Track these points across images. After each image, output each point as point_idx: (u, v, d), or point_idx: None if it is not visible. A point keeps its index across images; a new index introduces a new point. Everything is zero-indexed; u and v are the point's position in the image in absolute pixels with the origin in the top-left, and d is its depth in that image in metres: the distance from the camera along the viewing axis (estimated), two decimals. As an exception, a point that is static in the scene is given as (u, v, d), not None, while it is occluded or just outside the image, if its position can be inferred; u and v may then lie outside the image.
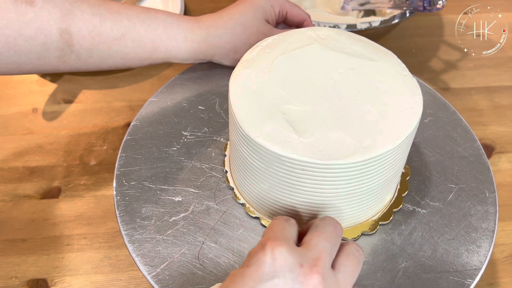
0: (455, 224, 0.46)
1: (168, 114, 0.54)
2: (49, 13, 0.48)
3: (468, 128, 0.53)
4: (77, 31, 0.50)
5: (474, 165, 0.50)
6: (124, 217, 0.46)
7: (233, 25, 0.54)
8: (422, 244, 0.45)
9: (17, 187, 0.62)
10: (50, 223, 0.58)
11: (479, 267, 0.44)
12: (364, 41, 0.47)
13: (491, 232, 0.46)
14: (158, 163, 0.50)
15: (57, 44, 0.49)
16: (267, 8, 0.56)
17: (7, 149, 0.65)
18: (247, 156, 0.41)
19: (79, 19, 0.49)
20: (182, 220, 0.46)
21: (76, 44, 0.50)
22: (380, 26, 0.67)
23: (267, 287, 0.32)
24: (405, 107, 0.41)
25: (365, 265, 0.43)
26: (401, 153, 0.41)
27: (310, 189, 0.40)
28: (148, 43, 0.53)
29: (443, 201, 0.48)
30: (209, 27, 0.55)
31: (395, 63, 0.45)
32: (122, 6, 0.53)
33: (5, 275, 0.54)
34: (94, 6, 0.51)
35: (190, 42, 0.54)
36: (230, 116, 0.43)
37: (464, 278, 0.43)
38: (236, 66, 0.45)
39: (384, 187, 0.43)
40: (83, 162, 0.64)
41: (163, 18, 0.54)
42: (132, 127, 0.53)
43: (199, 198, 0.47)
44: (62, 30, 0.49)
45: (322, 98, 0.42)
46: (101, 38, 0.51)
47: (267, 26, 0.55)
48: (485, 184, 0.49)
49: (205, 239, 0.45)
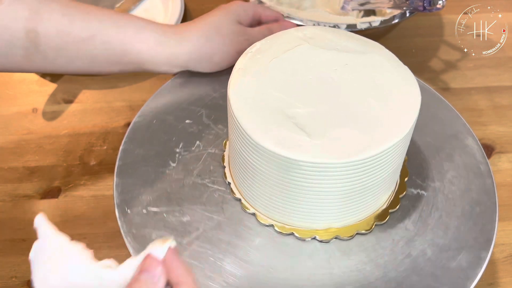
0: (459, 201, 0.48)
1: (156, 132, 0.52)
2: (16, 11, 0.48)
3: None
4: (44, 31, 0.49)
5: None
6: (135, 247, 0.44)
7: (207, 28, 0.54)
8: (433, 225, 0.46)
9: (17, 187, 0.61)
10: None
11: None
12: (350, 35, 0.48)
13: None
14: (158, 185, 0.48)
15: (22, 42, 0.48)
16: (240, 12, 0.55)
17: (7, 149, 0.65)
18: (258, 165, 0.41)
19: (48, 19, 0.49)
20: (195, 239, 0.45)
21: (43, 44, 0.49)
22: (380, 26, 0.67)
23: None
24: (404, 95, 0.43)
25: (386, 253, 0.44)
26: (408, 139, 0.42)
27: (328, 189, 0.40)
28: (118, 45, 0.51)
29: (442, 181, 0.49)
30: (183, 32, 0.54)
31: (385, 54, 0.46)
32: (94, 7, 0.52)
33: (5, 275, 0.54)
34: (64, 6, 0.50)
35: (163, 46, 0.53)
36: (233, 128, 0.42)
37: (480, 251, 0.44)
38: (231, 74, 0.44)
39: (394, 174, 0.45)
40: (83, 162, 0.64)
41: (135, 21, 0.53)
42: (122, 152, 0.50)
43: (207, 214, 0.46)
44: (29, 29, 0.48)
45: (323, 97, 0.42)
46: (69, 39, 0.50)
47: (241, 27, 0.55)
48: (481, 163, 0.50)
49: (224, 255, 0.44)
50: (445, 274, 0.43)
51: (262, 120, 0.40)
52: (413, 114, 0.42)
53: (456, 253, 0.44)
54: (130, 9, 0.83)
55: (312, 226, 0.45)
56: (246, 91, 0.42)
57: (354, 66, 0.44)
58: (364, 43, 0.47)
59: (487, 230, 0.46)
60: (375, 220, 0.46)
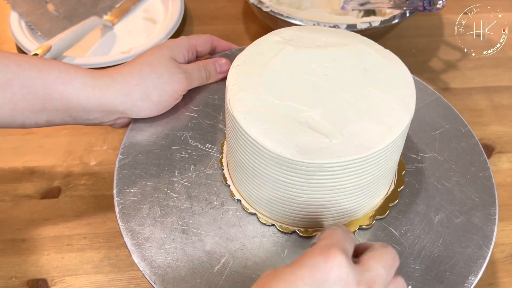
0: (454, 165, 0.50)
1: (146, 166, 0.49)
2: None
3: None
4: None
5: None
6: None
7: (140, 68, 0.50)
8: (440, 194, 0.48)
9: (17, 187, 0.62)
10: (50, 223, 0.58)
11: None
12: (325, 30, 0.48)
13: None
14: (167, 218, 0.46)
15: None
16: (174, 48, 0.52)
17: (7, 149, 0.65)
18: (282, 178, 0.40)
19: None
20: (223, 268, 0.43)
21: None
22: (380, 26, 0.67)
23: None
24: (397, 77, 0.44)
25: (411, 227, 0.46)
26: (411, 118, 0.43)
27: (351, 184, 0.41)
28: (40, 89, 0.46)
29: (434, 150, 0.51)
30: (113, 73, 0.49)
31: (365, 41, 0.47)
32: (12, 53, 0.48)
33: (5, 275, 0.54)
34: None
35: (91, 88, 0.48)
36: (247, 146, 0.41)
37: (489, 210, 0.47)
38: (227, 92, 0.43)
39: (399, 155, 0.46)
40: (83, 162, 0.64)
41: (58, 64, 0.48)
42: (117, 194, 0.47)
43: (231, 240, 0.45)
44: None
45: (325, 95, 0.42)
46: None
47: (176, 63, 0.51)
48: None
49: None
50: (473, 212, 0.46)
51: (278, 132, 0.40)
52: (412, 92, 0.43)
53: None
54: (130, 9, 0.83)
55: (333, 223, 0.45)
56: (250, 106, 0.41)
57: (342, 59, 0.45)
58: (341, 34, 0.48)
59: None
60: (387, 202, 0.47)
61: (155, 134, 0.51)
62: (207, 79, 0.55)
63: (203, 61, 0.55)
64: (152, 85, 0.49)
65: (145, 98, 0.49)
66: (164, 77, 0.50)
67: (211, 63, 0.55)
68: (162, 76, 0.50)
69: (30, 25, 0.77)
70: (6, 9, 0.80)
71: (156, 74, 0.50)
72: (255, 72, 0.44)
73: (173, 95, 0.51)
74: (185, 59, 0.53)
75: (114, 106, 0.49)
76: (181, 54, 0.53)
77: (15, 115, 0.47)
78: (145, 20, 0.82)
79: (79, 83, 0.48)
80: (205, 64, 0.54)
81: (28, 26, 0.77)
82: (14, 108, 0.46)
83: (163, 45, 0.52)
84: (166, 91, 0.50)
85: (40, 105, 0.47)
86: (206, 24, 0.81)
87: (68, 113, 0.48)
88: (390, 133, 0.40)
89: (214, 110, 0.53)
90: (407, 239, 0.45)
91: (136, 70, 0.49)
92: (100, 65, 0.71)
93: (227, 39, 0.60)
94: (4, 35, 0.80)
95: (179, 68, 0.51)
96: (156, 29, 0.80)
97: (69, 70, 0.48)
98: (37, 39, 0.76)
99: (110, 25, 0.80)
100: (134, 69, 0.50)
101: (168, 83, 0.50)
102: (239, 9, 0.84)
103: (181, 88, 0.51)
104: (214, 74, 0.55)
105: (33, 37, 0.76)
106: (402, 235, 0.45)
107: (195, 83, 0.53)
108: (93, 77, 0.48)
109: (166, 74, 0.50)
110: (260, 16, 0.74)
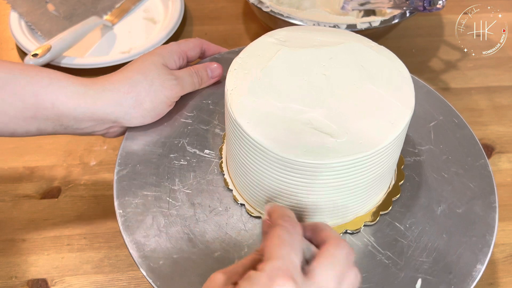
0: (452, 156, 0.50)
1: (146, 176, 0.48)
2: None
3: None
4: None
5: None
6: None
7: (131, 75, 0.49)
8: (440, 185, 0.48)
9: (17, 187, 0.62)
10: (50, 223, 0.58)
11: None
12: (318, 29, 0.48)
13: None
14: (172, 228, 0.45)
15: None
16: (164, 54, 0.52)
17: (7, 149, 0.65)
18: (288, 180, 0.40)
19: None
20: None
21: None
22: (380, 26, 0.67)
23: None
24: (394, 73, 0.44)
25: (415, 220, 0.46)
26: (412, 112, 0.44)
27: (357, 182, 0.41)
28: (31, 97, 0.46)
29: (430, 143, 0.51)
30: (104, 81, 0.49)
31: (359, 39, 0.47)
32: (3, 60, 0.48)
33: (5, 275, 0.54)
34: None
35: (82, 96, 0.47)
36: (252, 150, 0.41)
37: (489, 199, 0.47)
38: (227, 97, 0.42)
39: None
40: (83, 162, 0.64)
41: (49, 72, 0.48)
42: (118, 207, 0.47)
43: (238, 245, 0.44)
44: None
45: (325, 95, 0.42)
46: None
47: (167, 70, 0.51)
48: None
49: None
50: (474, 201, 0.47)
51: (283, 134, 0.39)
52: (410, 85, 0.43)
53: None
54: (130, 9, 0.83)
55: (338, 221, 0.45)
56: (252, 110, 0.41)
57: (339, 58, 0.45)
58: (334, 33, 0.48)
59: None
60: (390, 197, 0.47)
61: (151, 142, 0.51)
62: (199, 84, 0.54)
63: (194, 66, 0.54)
64: (144, 92, 0.49)
65: (138, 106, 0.49)
66: (156, 84, 0.49)
67: (202, 68, 0.54)
68: (154, 83, 0.49)
69: (30, 25, 0.77)
70: (6, 9, 0.80)
71: (147, 81, 0.49)
72: (253, 75, 0.43)
73: (166, 102, 0.50)
74: (176, 65, 0.53)
75: (105, 114, 0.48)
76: (172, 60, 0.52)
77: (6, 122, 0.47)
78: (145, 20, 0.82)
79: (70, 91, 0.47)
80: (196, 69, 0.54)
81: (28, 26, 0.77)
82: (5, 115, 0.46)
83: (153, 52, 0.52)
84: (159, 98, 0.50)
85: (30, 113, 0.47)
86: (206, 24, 0.81)
87: (59, 122, 0.48)
88: (393, 129, 0.40)
89: (209, 115, 0.53)
90: (412, 233, 0.45)
91: (127, 78, 0.49)
92: (100, 65, 0.71)
93: (227, 39, 0.60)
94: (4, 35, 0.80)
95: (171, 75, 0.51)
96: (156, 29, 0.80)
97: (60, 78, 0.48)
98: (37, 39, 0.76)
99: (110, 25, 0.80)
100: (125, 77, 0.49)
101: (160, 90, 0.49)
102: (239, 9, 0.84)
103: (174, 95, 0.51)
104: (206, 79, 0.54)
105: (33, 37, 0.76)
106: (407, 229, 0.46)
107: (187, 89, 0.53)
108: (84, 85, 0.48)
109: (158, 80, 0.49)
110: (260, 16, 0.74)
